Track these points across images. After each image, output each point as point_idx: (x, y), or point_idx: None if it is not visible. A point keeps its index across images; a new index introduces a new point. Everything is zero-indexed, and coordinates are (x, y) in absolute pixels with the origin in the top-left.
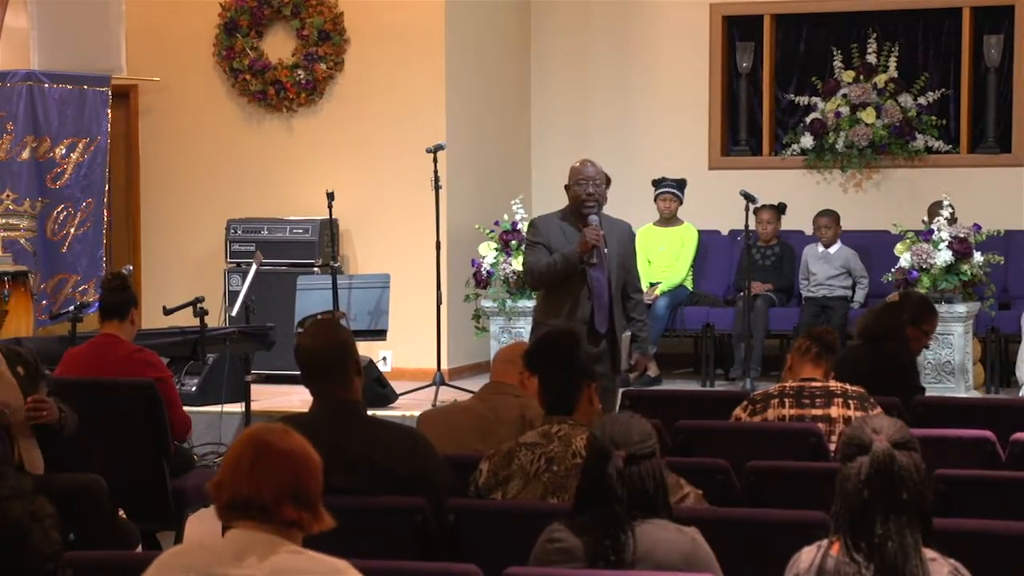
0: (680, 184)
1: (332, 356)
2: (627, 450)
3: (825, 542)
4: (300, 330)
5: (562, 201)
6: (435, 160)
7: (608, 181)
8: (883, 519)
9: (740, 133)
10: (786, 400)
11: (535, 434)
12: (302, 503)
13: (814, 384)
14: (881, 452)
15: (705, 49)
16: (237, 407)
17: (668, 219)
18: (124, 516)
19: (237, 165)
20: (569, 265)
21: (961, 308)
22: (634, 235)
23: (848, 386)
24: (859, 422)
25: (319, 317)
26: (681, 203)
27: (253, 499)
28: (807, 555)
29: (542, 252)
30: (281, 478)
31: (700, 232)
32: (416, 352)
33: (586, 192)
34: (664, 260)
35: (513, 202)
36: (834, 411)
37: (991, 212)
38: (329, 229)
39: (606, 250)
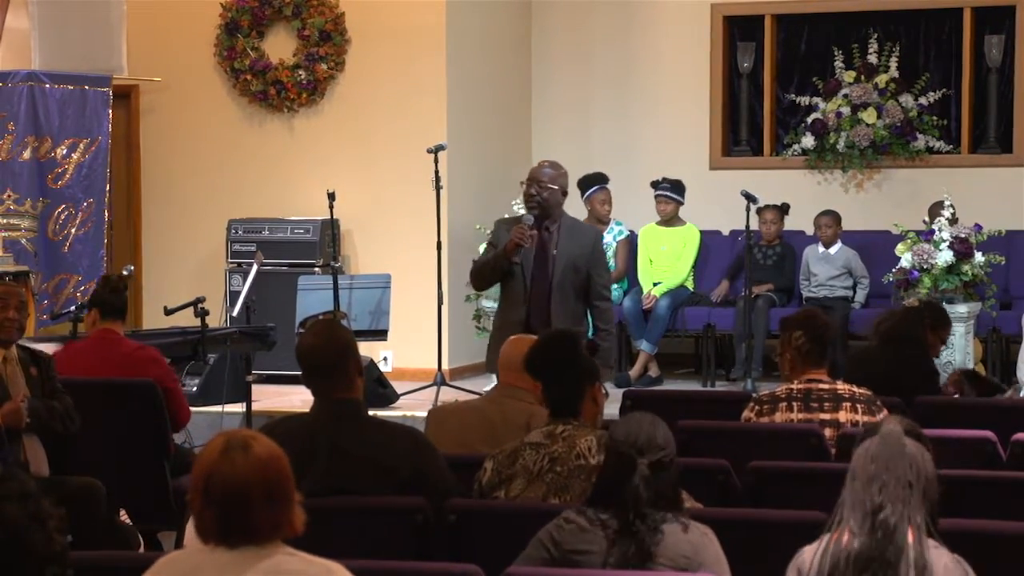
0: (676, 187)
1: (333, 356)
2: (652, 457)
3: (827, 536)
4: (301, 330)
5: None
6: (436, 160)
7: (564, 192)
8: (881, 489)
9: (741, 133)
10: (794, 404)
11: (539, 434)
12: (279, 510)
13: (822, 386)
14: (890, 430)
15: (706, 49)
16: (238, 407)
17: (669, 220)
18: (126, 516)
19: (238, 165)
20: (497, 264)
21: (962, 308)
22: (602, 240)
23: (855, 388)
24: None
25: (320, 317)
26: (680, 204)
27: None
28: (809, 551)
29: (491, 252)
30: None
31: (701, 231)
32: (417, 352)
33: (527, 192)
34: (666, 260)
35: (513, 202)
36: (842, 415)
37: (992, 212)
38: (330, 229)
39: (554, 251)
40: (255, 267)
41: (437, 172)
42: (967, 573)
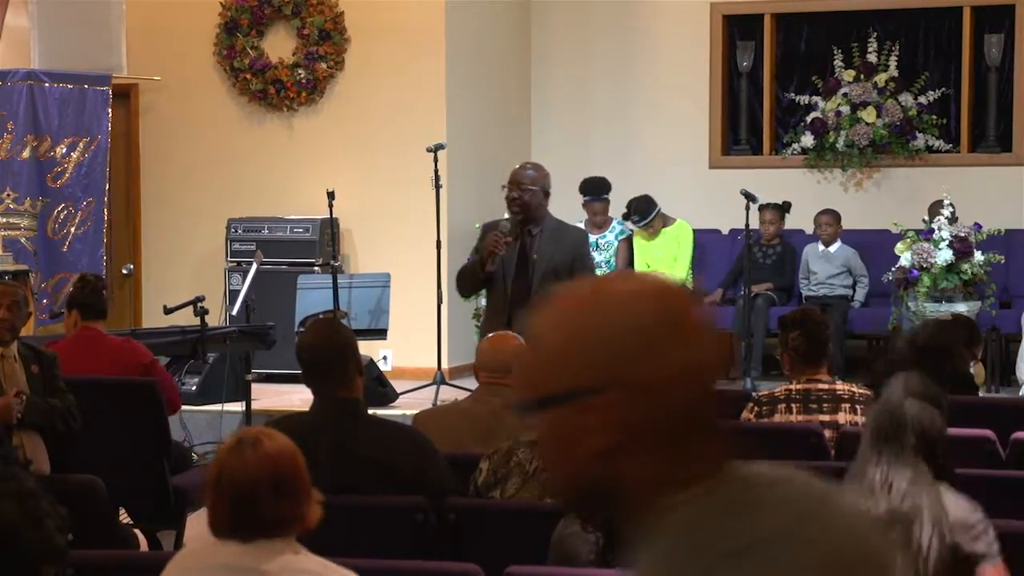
0: (645, 211)
1: (333, 355)
2: None
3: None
4: (302, 329)
5: (560, 200)
6: (435, 159)
7: (547, 193)
8: (881, 457)
9: (741, 132)
10: (793, 405)
11: (533, 432)
12: (290, 504)
13: (821, 386)
14: (891, 394)
15: (705, 48)
16: (237, 406)
17: (662, 226)
18: (126, 515)
19: (238, 164)
20: (474, 272)
21: (962, 307)
22: (587, 243)
23: (855, 388)
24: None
25: (321, 316)
26: (658, 213)
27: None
28: None
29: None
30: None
31: (700, 230)
32: (416, 351)
33: (508, 196)
34: (663, 264)
35: None
36: (841, 417)
37: (992, 211)
38: (329, 228)
39: (535, 256)
40: (254, 266)
41: (436, 171)
42: (977, 510)
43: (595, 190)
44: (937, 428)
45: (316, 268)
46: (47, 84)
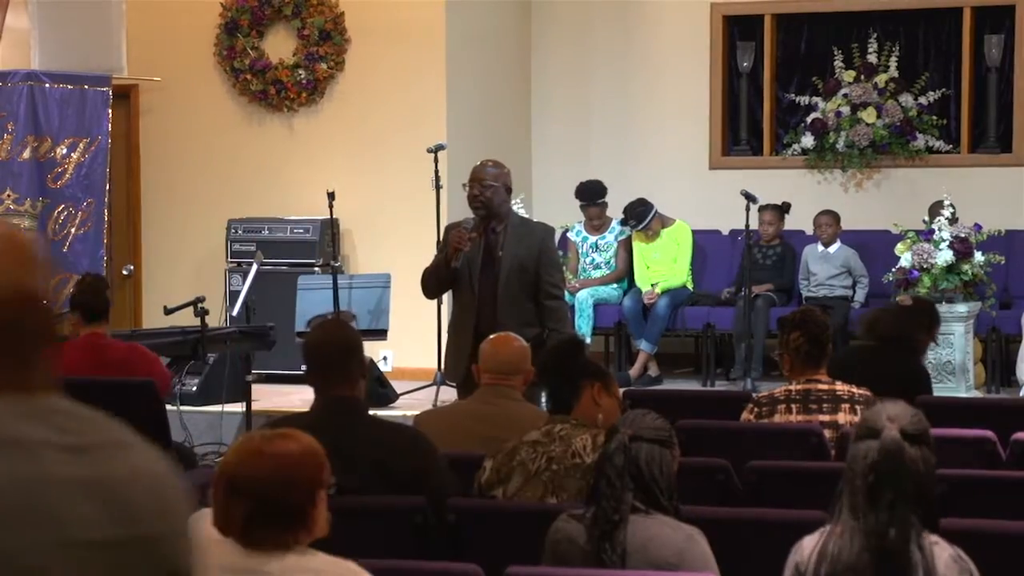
0: (642, 213)
1: (337, 352)
2: (634, 430)
3: (827, 528)
4: (307, 330)
5: (561, 201)
6: (436, 160)
7: (508, 189)
8: (887, 505)
9: (741, 133)
10: (793, 406)
11: (538, 432)
12: (291, 521)
13: (820, 387)
14: (890, 440)
15: (706, 49)
16: (238, 407)
17: (661, 227)
18: None
19: (238, 165)
20: (439, 271)
21: (962, 308)
22: (552, 238)
23: (855, 389)
24: (879, 407)
25: (329, 317)
26: (656, 215)
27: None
28: (809, 542)
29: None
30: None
31: (700, 231)
32: (417, 352)
33: (470, 193)
34: (662, 265)
35: (514, 202)
36: (841, 417)
37: (992, 212)
38: (330, 229)
39: (500, 253)
40: (255, 267)
41: (437, 172)
42: (967, 567)
43: (590, 196)
44: (932, 470)
45: (316, 269)
46: (47, 85)
